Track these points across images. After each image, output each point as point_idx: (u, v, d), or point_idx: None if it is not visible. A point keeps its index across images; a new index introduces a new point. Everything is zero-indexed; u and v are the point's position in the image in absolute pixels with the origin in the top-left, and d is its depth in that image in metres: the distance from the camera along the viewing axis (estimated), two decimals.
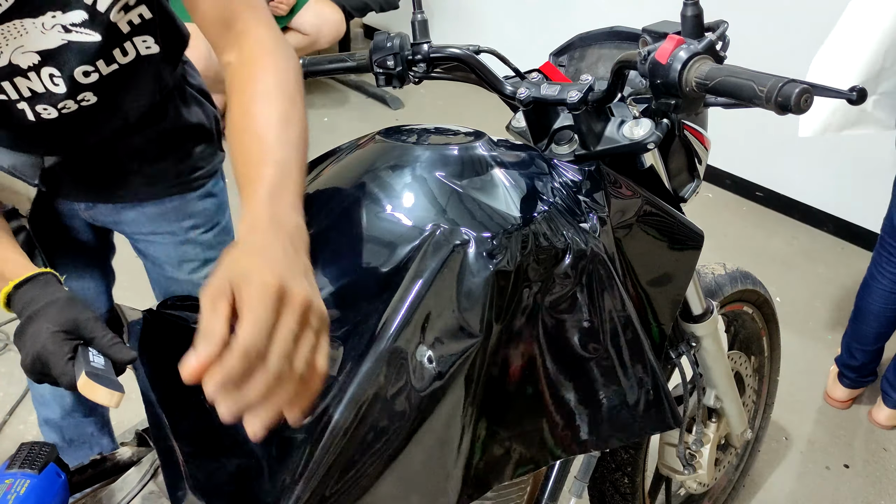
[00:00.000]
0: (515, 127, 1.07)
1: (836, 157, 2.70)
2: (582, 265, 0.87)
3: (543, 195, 0.89)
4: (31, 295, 0.82)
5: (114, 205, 1.11)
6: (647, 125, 0.92)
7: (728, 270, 1.40)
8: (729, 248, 2.72)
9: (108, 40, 0.88)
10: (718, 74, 0.74)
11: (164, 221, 1.14)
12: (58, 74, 0.88)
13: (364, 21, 4.23)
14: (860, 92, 0.77)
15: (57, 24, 0.83)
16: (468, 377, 0.79)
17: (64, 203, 1.10)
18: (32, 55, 0.85)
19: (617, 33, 1.04)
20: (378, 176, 0.89)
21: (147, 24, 0.92)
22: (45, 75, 0.87)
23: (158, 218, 1.13)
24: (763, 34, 2.66)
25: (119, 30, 0.90)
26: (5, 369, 2.12)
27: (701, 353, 1.23)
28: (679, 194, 1.05)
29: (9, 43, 0.83)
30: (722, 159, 3.01)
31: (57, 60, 0.86)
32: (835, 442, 1.99)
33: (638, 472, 1.34)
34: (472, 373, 0.79)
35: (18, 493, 0.73)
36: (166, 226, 1.14)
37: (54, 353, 0.79)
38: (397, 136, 0.95)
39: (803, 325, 2.40)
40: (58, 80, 0.88)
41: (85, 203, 1.10)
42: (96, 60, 0.89)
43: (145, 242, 1.17)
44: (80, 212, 1.11)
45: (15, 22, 0.81)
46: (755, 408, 1.65)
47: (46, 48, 0.85)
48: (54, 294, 0.82)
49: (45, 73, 0.87)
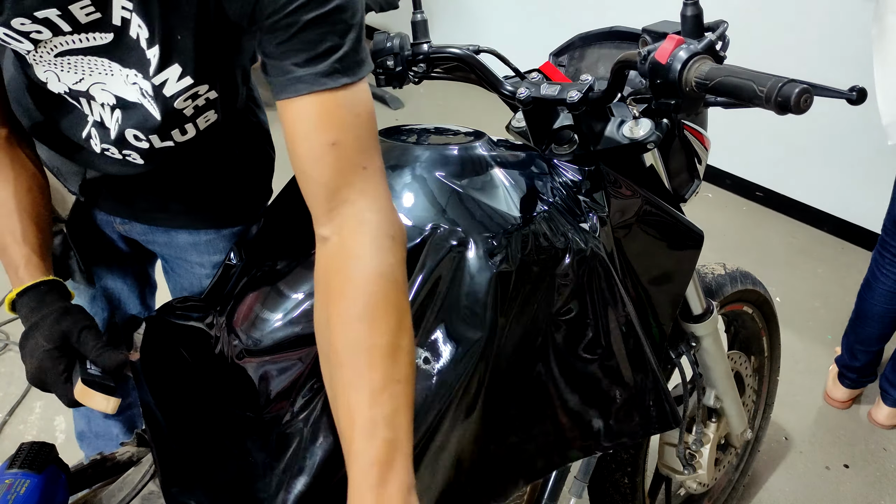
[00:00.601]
0: (515, 127, 1.07)
1: (836, 157, 2.70)
2: (582, 265, 0.87)
3: (543, 195, 0.89)
4: (31, 305, 0.84)
5: (149, 226, 1.10)
6: (647, 125, 0.92)
7: (728, 270, 1.40)
8: (729, 248, 2.72)
9: (168, 121, 0.83)
10: (718, 74, 0.74)
11: (194, 252, 1.12)
12: (120, 122, 0.85)
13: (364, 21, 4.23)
14: (860, 92, 0.77)
15: (137, 83, 0.80)
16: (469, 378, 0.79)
17: (101, 213, 1.10)
18: (110, 96, 0.82)
19: (617, 33, 1.04)
20: None
21: (212, 102, 0.86)
22: (114, 117, 0.85)
23: (190, 248, 1.12)
24: (763, 34, 2.66)
25: (183, 114, 0.84)
26: (5, 369, 2.11)
27: (701, 353, 1.23)
28: (679, 194, 1.05)
29: (93, 74, 0.80)
30: (722, 159, 3.01)
31: (126, 112, 0.84)
32: (835, 442, 1.99)
33: (638, 472, 1.34)
34: (472, 374, 0.79)
35: (18, 493, 0.73)
36: (196, 256, 1.12)
37: (50, 372, 0.82)
38: (397, 136, 0.95)
39: (803, 325, 2.39)
40: (116, 127, 0.86)
41: (121, 218, 1.10)
42: (150, 134, 0.85)
43: (174, 264, 1.17)
44: (115, 224, 1.11)
45: (105, 60, 0.78)
46: (755, 408, 1.65)
47: (124, 98, 0.82)
48: (50, 306, 0.84)
49: (114, 116, 0.85)
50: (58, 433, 1.92)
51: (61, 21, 0.73)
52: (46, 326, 0.82)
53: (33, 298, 0.84)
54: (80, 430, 1.35)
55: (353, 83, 0.71)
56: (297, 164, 0.73)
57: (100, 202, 1.07)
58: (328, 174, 0.71)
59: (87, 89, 0.82)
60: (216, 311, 0.93)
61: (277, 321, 0.85)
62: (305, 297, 0.85)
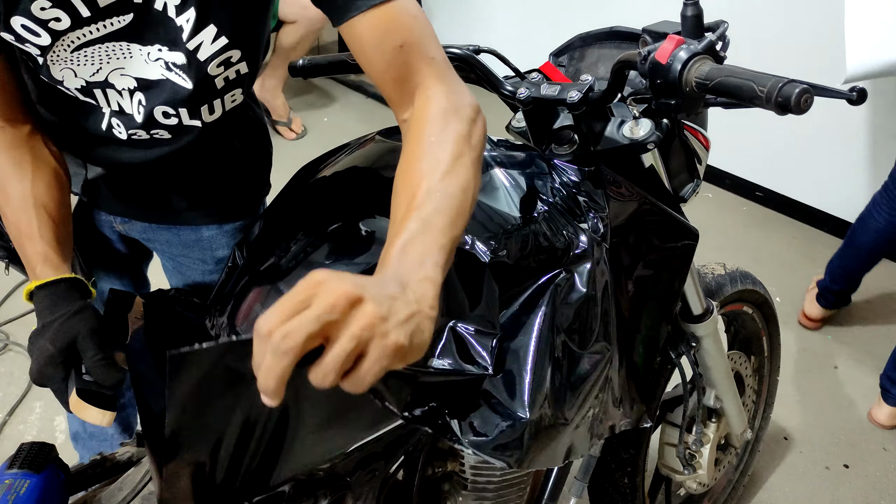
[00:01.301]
0: (515, 127, 1.07)
1: (837, 157, 2.70)
2: (581, 264, 0.87)
3: (543, 195, 0.89)
4: (46, 303, 0.84)
5: (149, 224, 1.10)
6: (647, 125, 0.92)
7: (728, 270, 1.40)
8: (729, 248, 2.72)
9: (200, 91, 0.86)
10: (718, 74, 0.74)
11: (197, 248, 1.12)
12: (144, 104, 0.86)
13: None
14: (860, 92, 0.77)
15: (161, 58, 0.82)
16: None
17: (101, 213, 1.10)
18: (130, 80, 0.84)
19: (617, 33, 1.04)
20: (378, 176, 0.89)
21: (241, 77, 0.90)
22: (135, 101, 0.86)
23: (192, 244, 1.12)
24: (763, 34, 2.66)
25: (214, 85, 0.87)
26: (5, 369, 2.12)
27: (701, 353, 1.23)
28: (679, 194, 1.05)
29: (110, 62, 0.82)
30: (722, 159, 3.01)
31: (149, 92, 0.86)
32: (835, 442, 1.99)
33: (638, 472, 1.34)
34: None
35: (18, 493, 0.73)
36: (198, 253, 1.13)
37: (52, 378, 0.82)
38: (397, 136, 0.95)
39: None
40: (141, 110, 0.87)
41: (121, 217, 1.10)
42: (180, 107, 0.87)
43: (174, 262, 1.17)
44: (114, 224, 1.11)
45: (123, 43, 0.81)
46: (755, 408, 1.65)
47: (145, 77, 0.84)
48: (65, 307, 0.84)
49: (136, 99, 0.86)
50: (58, 433, 1.92)
51: (81, 4, 0.74)
52: (55, 328, 0.82)
53: (49, 296, 0.85)
54: (74, 431, 1.35)
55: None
56: (374, 72, 0.80)
57: (101, 202, 1.08)
58: (402, 72, 0.78)
59: (105, 78, 0.84)
60: (216, 310, 0.93)
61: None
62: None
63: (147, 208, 1.08)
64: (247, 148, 1.09)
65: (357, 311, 0.53)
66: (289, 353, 0.50)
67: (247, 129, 1.08)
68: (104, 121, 0.90)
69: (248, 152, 1.10)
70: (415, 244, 0.63)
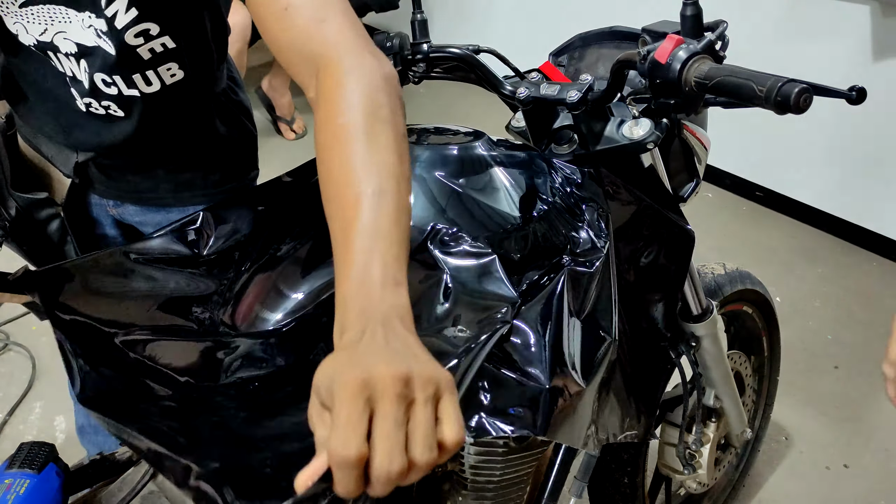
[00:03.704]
0: (515, 127, 1.07)
1: (837, 157, 2.70)
2: (580, 264, 0.87)
3: (543, 195, 0.89)
4: None
5: (141, 206, 1.12)
6: (647, 125, 0.92)
7: (728, 270, 1.40)
8: (729, 248, 2.72)
9: (124, 60, 0.88)
10: (718, 74, 0.74)
11: None
12: (87, 70, 0.90)
13: (364, 21, 4.22)
14: (860, 92, 0.77)
15: (93, 25, 0.85)
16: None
17: (94, 197, 1.12)
18: (71, 44, 0.88)
19: (616, 33, 1.04)
20: None
21: (171, 52, 0.91)
22: (81, 67, 0.90)
23: None
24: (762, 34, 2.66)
25: (138, 56, 0.89)
26: (5, 369, 2.12)
27: (701, 353, 1.23)
28: (679, 194, 1.05)
29: (53, 24, 0.86)
30: (722, 159, 3.01)
31: (89, 59, 0.89)
32: (835, 442, 1.99)
33: (638, 472, 1.34)
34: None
35: (18, 493, 0.73)
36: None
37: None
38: None
39: (803, 325, 2.39)
40: (85, 77, 0.91)
41: (113, 201, 1.12)
42: (113, 75, 0.90)
43: None
44: (108, 208, 1.13)
45: (62, 7, 0.84)
46: (755, 408, 1.65)
47: (83, 43, 0.87)
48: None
49: (82, 66, 0.90)
50: (58, 433, 1.92)
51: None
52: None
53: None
54: (80, 425, 1.36)
55: None
56: (272, 43, 0.76)
57: (94, 184, 1.09)
58: (293, 36, 0.73)
59: (51, 40, 0.88)
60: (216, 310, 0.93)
61: (278, 321, 0.85)
62: (305, 297, 0.85)
63: (135, 190, 1.10)
64: (230, 130, 1.11)
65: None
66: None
67: (229, 112, 1.10)
68: (68, 88, 0.93)
69: (232, 135, 1.12)
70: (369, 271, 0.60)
